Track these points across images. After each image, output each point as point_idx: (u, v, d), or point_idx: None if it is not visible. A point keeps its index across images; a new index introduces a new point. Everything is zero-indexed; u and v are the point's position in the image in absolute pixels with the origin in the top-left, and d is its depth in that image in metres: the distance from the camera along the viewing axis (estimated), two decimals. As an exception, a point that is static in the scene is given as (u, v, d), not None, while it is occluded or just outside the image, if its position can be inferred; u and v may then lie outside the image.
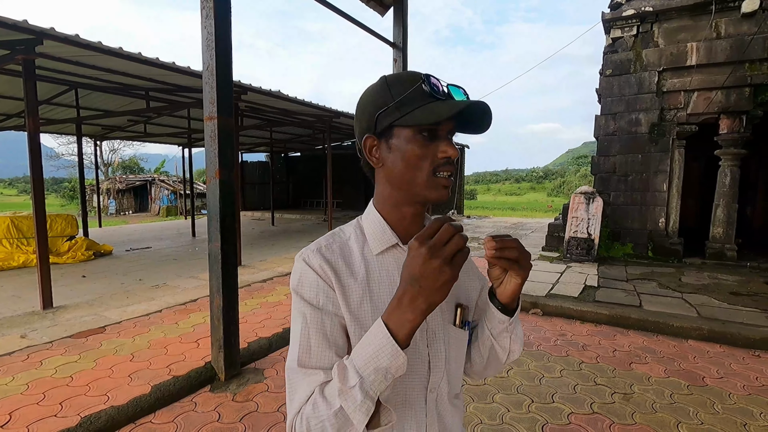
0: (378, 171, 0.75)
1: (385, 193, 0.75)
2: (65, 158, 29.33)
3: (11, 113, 8.80)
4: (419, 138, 0.68)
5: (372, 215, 0.77)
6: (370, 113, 0.71)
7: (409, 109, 0.67)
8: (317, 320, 0.68)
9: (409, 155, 0.69)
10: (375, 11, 5.20)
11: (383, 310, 0.66)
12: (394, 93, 0.69)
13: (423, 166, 0.69)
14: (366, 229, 0.76)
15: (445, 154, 0.69)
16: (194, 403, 2.72)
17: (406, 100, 0.67)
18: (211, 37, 2.75)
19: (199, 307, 4.59)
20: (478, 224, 13.85)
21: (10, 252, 6.89)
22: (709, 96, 6.71)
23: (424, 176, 0.69)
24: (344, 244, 0.75)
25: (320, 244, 0.74)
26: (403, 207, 0.74)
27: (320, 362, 0.66)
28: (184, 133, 11.21)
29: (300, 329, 0.68)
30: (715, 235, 6.89)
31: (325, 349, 0.67)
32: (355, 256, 0.74)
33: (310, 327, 0.67)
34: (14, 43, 4.49)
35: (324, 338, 0.67)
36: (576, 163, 76.33)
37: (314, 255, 0.71)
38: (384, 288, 0.72)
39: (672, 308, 4.42)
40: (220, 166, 2.85)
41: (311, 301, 0.69)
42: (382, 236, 0.74)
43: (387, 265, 0.74)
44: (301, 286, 0.70)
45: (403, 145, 0.69)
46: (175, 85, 6.92)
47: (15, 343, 3.50)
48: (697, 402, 2.72)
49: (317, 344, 0.67)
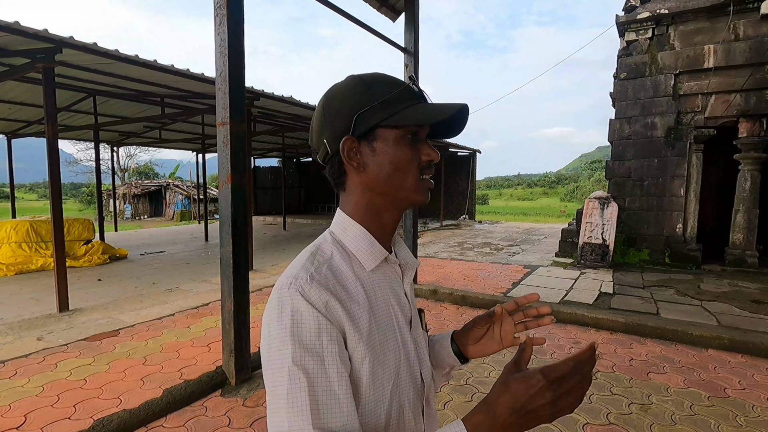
0: (353, 177, 0.68)
1: (364, 200, 0.68)
2: (83, 164, 30.01)
3: (32, 120, 9.04)
4: (406, 140, 0.65)
5: (353, 228, 0.69)
6: (346, 114, 0.65)
7: (396, 109, 0.64)
8: (322, 371, 0.56)
9: (399, 158, 0.65)
10: (387, 17, 5.23)
11: (387, 334, 0.65)
12: (376, 93, 0.64)
13: (411, 169, 0.66)
14: (349, 245, 0.68)
15: (429, 157, 0.67)
16: (205, 407, 2.73)
17: (391, 100, 0.64)
18: (224, 44, 2.78)
19: (211, 311, 4.62)
20: (490, 229, 13.74)
21: (29, 255, 7.05)
22: (727, 99, 6.56)
23: (413, 180, 0.66)
24: (331, 265, 0.65)
25: (309, 270, 0.62)
26: (385, 214, 0.69)
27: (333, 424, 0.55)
28: (198, 138, 11.38)
29: (301, 383, 0.54)
30: (735, 242, 6.71)
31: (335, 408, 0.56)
32: (348, 278, 0.65)
33: (314, 380, 0.55)
34: (34, 52, 4.62)
35: (331, 394, 0.56)
36: (590, 167, 75.38)
37: (311, 286, 0.59)
38: (382, 307, 0.67)
39: (691, 316, 4.30)
40: (233, 171, 2.87)
41: (312, 347, 0.56)
42: (372, 250, 0.68)
43: (379, 281, 0.69)
44: (296, 328, 0.56)
45: (391, 147, 0.65)
46: (189, 92, 7.03)
47: (32, 346, 3.56)
48: (719, 414, 2.63)
49: (326, 401, 0.55)
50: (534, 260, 7.69)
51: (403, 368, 0.67)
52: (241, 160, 2.94)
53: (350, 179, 0.69)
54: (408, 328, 0.72)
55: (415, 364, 0.71)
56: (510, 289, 5.49)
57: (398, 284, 0.72)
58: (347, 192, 0.70)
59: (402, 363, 0.67)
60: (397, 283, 0.72)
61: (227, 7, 2.76)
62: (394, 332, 0.67)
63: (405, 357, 0.68)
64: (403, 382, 0.67)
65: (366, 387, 0.61)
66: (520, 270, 6.76)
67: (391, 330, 0.67)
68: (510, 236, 11.68)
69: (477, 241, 10.69)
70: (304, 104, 7.60)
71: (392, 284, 0.71)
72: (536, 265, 7.20)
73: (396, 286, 0.72)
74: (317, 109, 0.69)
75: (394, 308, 0.69)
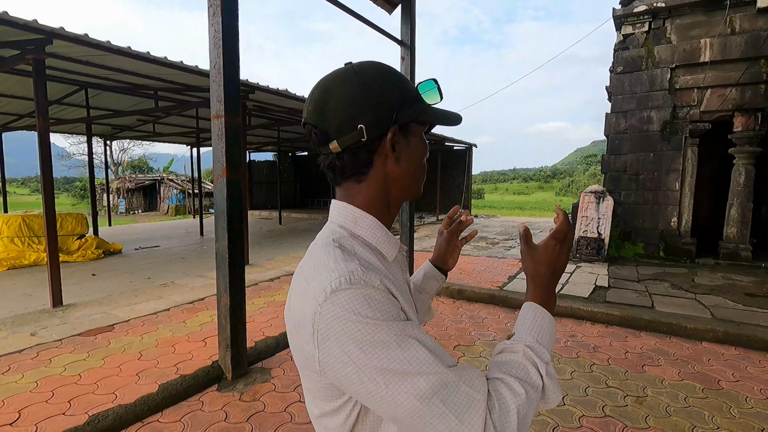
0: (380, 168, 0.65)
1: (382, 193, 0.67)
2: (76, 158, 29.74)
3: (23, 113, 8.90)
4: (423, 137, 0.70)
5: (366, 220, 0.66)
6: (392, 102, 0.62)
7: (425, 105, 0.67)
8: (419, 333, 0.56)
9: (423, 153, 0.70)
10: (383, 9, 5.17)
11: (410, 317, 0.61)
12: (410, 87, 0.67)
13: (424, 165, 0.71)
14: (368, 237, 0.66)
15: (428, 155, 0.72)
16: (201, 402, 2.72)
17: (416, 95, 0.67)
18: (219, 35, 2.74)
19: (206, 305, 4.60)
20: (486, 223, 13.76)
21: (21, 250, 6.98)
22: (723, 93, 6.57)
23: (422, 174, 0.71)
24: (361, 260, 0.60)
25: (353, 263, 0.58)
26: (392, 207, 0.70)
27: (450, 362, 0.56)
28: (193, 132, 11.27)
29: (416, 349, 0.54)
30: (729, 235, 6.76)
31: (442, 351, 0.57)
32: (380, 269, 0.62)
33: (422, 340, 0.55)
34: (24, 43, 4.53)
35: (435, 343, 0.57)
36: (585, 162, 75.65)
37: (369, 275, 0.57)
38: (404, 295, 0.64)
39: (685, 309, 4.33)
40: (228, 165, 2.84)
41: (400, 318, 0.56)
42: (390, 241, 0.68)
43: (397, 271, 0.70)
44: (381, 311, 0.54)
45: (420, 142, 0.69)
46: (183, 85, 6.94)
47: (25, 341, 3.53)
48: (713, 406, 2.65)
49: (438, 349, 0.57)
50: (530, 254, 7.71)
51: None
52: (237, 154, 2.91)
53: (375, 170, 0.65)
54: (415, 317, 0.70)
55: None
56: (506, 282, 5.50)
57: (405, 274, 0.76)
58: (365, 183, 0.66)
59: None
60: (405, 272, 0.76)
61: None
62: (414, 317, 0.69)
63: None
64: None
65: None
66: (517, 264, 6.78)
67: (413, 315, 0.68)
68: (506, 230, 11.71)
69: (473, 235, 10.70)
70: (299, 98, 7.53)
71: (403, 273, 0.75)
72: (532, 259, 7.22)
73: (405, 275, 0.75)
74: (346, 88, 0.62)
75: (410, 298, 0.71)
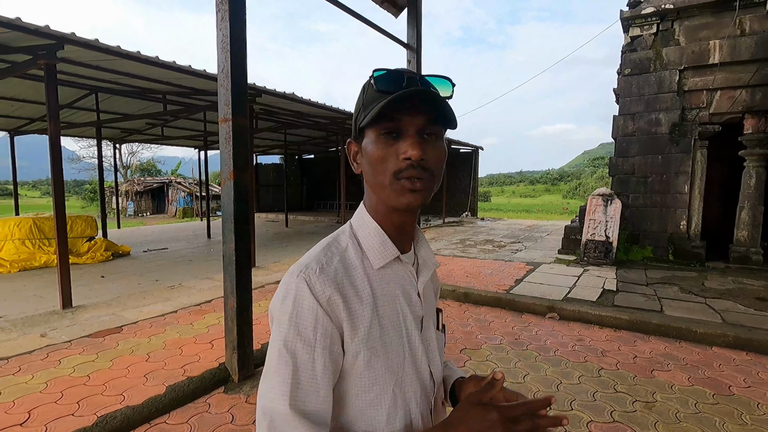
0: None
1: (374, 199, 0.70)
2: (86, 161, 30.05)
3: (34, 117, 9.04)
4: (382, 138, 0.63)
5: (368, 224, 0.70)
6: (354, 118, 0.69)
7: (369, 109, 0.63)
8: (309, 358, 0.60)
9: (372, 158, 0.64)
10: (389, 12, 5.19)
11: (389, 329, 0.66)
12: (365, 95, 0.66)
13: (384, 170, 0.63)
14: (363, 240, 0.69)
15: (405, 155, 0.61)
16: (208, 404, 2.73)
17: (369, 100, 0.64)
18: (227, 40, 2.77)
19: (213, 308, 4.62)
20: (493, 226, 13.71)
21: (32, 252, 7.07)
22: (733, 95, 6.51)
23: (387, 180, 0.63)
24: (344, 258, 0.67)
25: (320, 261, 0.64)
26: (390, 215, 0.68)
27: (307, 406, 0.59)
28: (200, 135, 11.38)
29: (287, 363, 0.59)
30: (740, 239, 6.67)
31: (312, 392, 0.60)
32: (357, 272, 0.66)
33: (300, 364, 0.59)
34: (36, 48, 4.61)
35: (313, 380, 0.60)
36: (592, 164, 75.15)
37: (319, 278, 0.62)
38: (388, 306, 0.67)
39: (695, 314, 4.28)
40: (235, 168, 2.86)
41: (305, 334, 0.60)
42: (383, 249, 0.68)
43: (388, 279, 0.69)
44: (295, 315, 0.60)
45: (369, 147, 0.65)
46: (191, 89, 7.02)
47: (35, 342, 3.57)
48: (724, 412, 2.61)
49: (306, 385, 0.59)
50: (537, 257, 7.67)
51: (408, 368, 0.68)
52: (243, 157, 2.93)
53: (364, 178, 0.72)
54: (418, 329, 0.71)
55: (423, 363, 0.71)
56: (513, 286, 5.47)
57: (411, 284, 0.72)
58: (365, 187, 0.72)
59: (407, 362, 0.68)
60: (409, 282, 0.72)
61: (229, 3, 2.74)
62: (400, 331, 0.68)
63: (411, 357, 0.69)
64: (408, 381, 0.68)
65: (362, 382, 0.64)
66: (523, 267, 6.74)
67: (397, 329, 0.67)
68: (512, 233, 11.65)
69: (479, 238, 10.67)
70: (306, 101, 7.58)
71: (403, 283, 0.71)
72: (539, 262, 7.18)
73: (408, 286, 0.71)
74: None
75: (403, 308, 0.69)
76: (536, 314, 4.59)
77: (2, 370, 3.03)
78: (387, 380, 0.65)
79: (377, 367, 0.64)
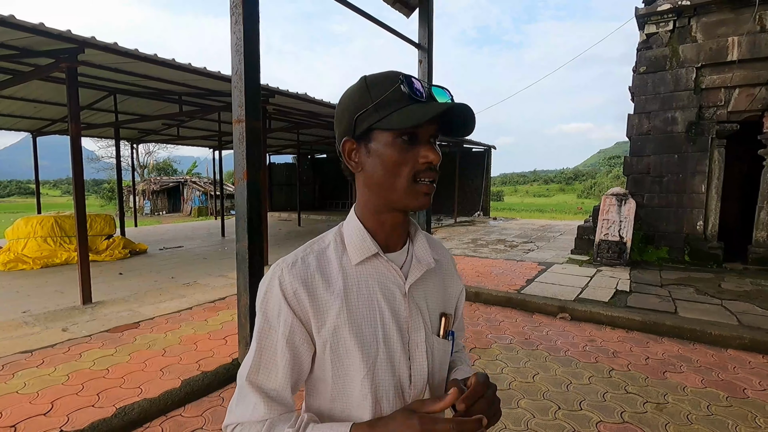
0: (358, 176, 0.71)
1: (364, 199, 0.72)
2: (105, 161, 30.78)
3: (56, 118, 9.30)
4: (399, 142, 0.65)
5: (352, 223, 0.73)
6: (349, 115, 0.67)
7: (388, 112, 0.64)
8: (272, 342, 0.68)
9: (387, 161, 0.65)
10: (401, 13, 5.21)
11: (360, 322, 0.68)
12: (373, 95, 0.65)
13: (402, 173, 0.65)
14: (346, 238, 0.73)
15: (426, 160, 0.65)
16: (221, 398, 2.80)
17: (384, 102, 0.64)
18: (240, 42, 2.82)
19: (227, 305, 4.72)
20: (505, 226, 13.62)
21: (53, 249, 7.29)
22: (752, 92, 6.36)
23: (404, 183, 0.66)
24: (321, 254, 0.72)
25: (297, 256, 0.71)
26: (383, 214, 0.71)
27: (265, 383, 0.68)
28: (215, 135, 11.55)
29: (255, 345, 0.69)
30: (759, 240, 6.52)
31: (271, 372, 0.68)
32: (332, 267, 0.71)
33: (264, 347, 0.68)
34: (58, 52, 4.76)
35: (272, 361, 0.68)
36: (608, 163, 73.91)
37: (289, 272, 0.68)
38: (362, 300, 0.69)
39: (710, 315, 4.21)
40: (248, 168, 2.92)
41: (271, 321, 0.68)
42: (362, 245, 0.70)
43: (366, 275, 0.71)
44: (265, 303, 0.69)
45: (382, 149, 0.66)
46: (206, 90, 7.14)
47: (57, 336, 3.70)
48: (737, 415, 2.58)
49: (266, 365, 0.68)
50: (549, 257, 7.61)
51: (382, 364, 0.68)
52: (257, 157, 2.98)
53: (356, 178, 0.73)
54: (398, 328, 0.70)
55: (401, 363, 0.70)
56: (524, 285, 5.45)
57: (394, 282, 0.72)
58: (357, 188, 0.74)
59: (380, 359, 0.68)
60: (392, 280, 0.72)
61: (243, 7, 2.80)
62: (375, 327, 0.69)
63: (386, 354, 0.69)
64: (381, 377, 0.68)
65: (331, 369, 0.69)
66: (535, 267, 6.70)
67: (371, 324, 0.69)
68: (525, 233, 11.56)
69: (491, 237, 10.62)
70: (318, 101, 7.64)
71: (383, 280, 0.71)
72: (551, 262, 7.13)
73: (390, 284, 0.71)
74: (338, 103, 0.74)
75: (380, 304, 0.70)
76: (547, 314, 4.57)
77: (26, 363, 3.15)
78: (355, 372, 0.67)
79: (345, 357, 0.67)
